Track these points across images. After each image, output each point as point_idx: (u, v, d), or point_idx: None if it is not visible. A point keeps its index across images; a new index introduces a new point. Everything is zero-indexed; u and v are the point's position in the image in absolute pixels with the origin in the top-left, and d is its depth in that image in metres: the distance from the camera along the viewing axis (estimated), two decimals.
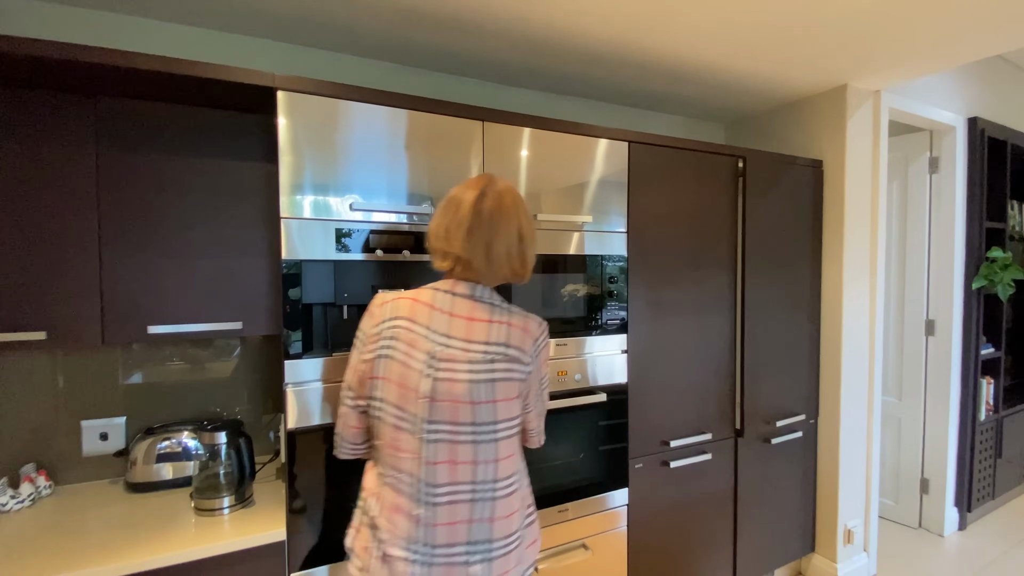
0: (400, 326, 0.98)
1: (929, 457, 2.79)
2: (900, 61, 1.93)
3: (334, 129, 1.26)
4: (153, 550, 1.12)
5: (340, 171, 1.27)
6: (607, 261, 1.67)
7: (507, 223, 1.00)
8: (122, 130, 1.24)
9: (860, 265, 2.23)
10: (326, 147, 1.25)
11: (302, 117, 1.23)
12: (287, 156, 1.21)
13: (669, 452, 1.82)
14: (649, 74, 1.99)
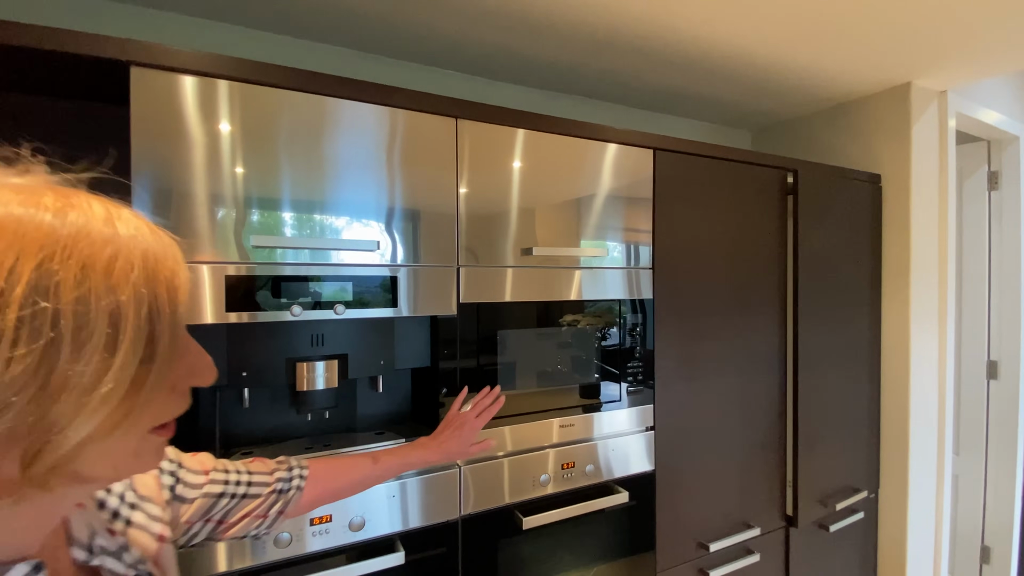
0: None
1: (991, 521, 2.37)
2: (973, 53, 1.54)
3: (226, 123, 0.83)
4: None
5: (234, 190, 0.83)
6: (626, 307, 1.25)
7: None
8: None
9: (928, 305, 1.81)
10: (213, 150, 0.82)
11: (165, 103, 0.79)
12: (143, 165, 0.78)
13: (708, 558, 1.37)
14: (670, 66, 1.58)
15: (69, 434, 0.29)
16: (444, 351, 1.02)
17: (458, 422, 0.85)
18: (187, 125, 0.80)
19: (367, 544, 0.93)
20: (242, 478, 0.61)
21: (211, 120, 0.81)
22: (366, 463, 0.74)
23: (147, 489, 0.50)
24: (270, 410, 0.95)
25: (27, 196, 0.30)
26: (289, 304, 0.86)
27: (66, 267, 0.28)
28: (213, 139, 0.82)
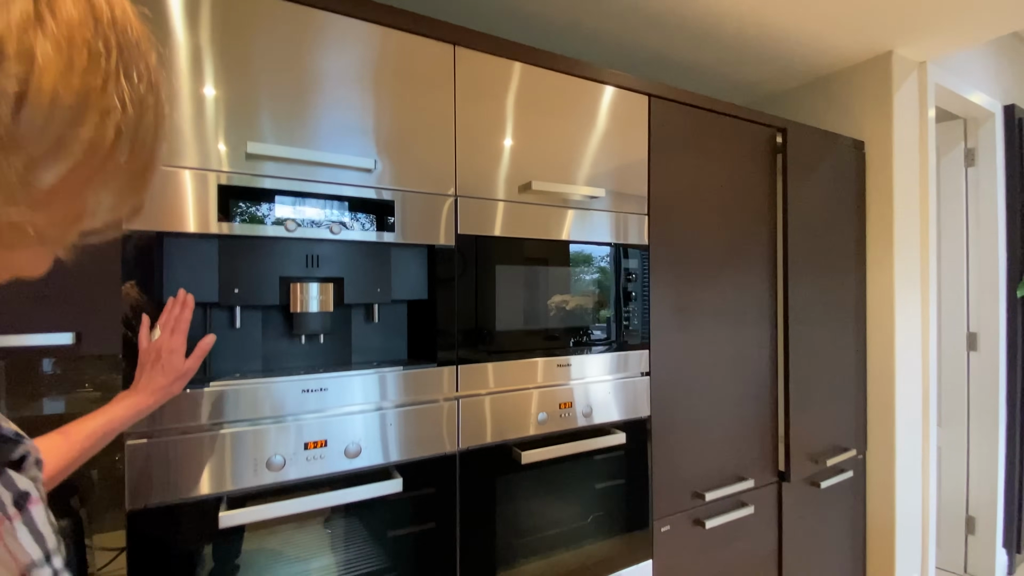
0: None
1: (975, 492, 2.41)
2: (950, 22, 1.60)
3: (224, 28, 0.81)
4: None
5: (230, 95, 0.81)
6: (625, 252, 1.25)
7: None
8: None
9: (911, 269, 1.85)
10: (209, 54, 0.80)
11: (188, 4, 0.77)
12: None
13: (704, 507, 1.37)
14: (669, 30, 1.60)
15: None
16: (442, 285, 1.00)
17: (154, 353, 0.72)
18: (178, 26, 0.78)
19: (363, 472, 0.90)
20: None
21: (212, 25, 0.80)
22: (55, 442, 0.61)
23: None
24: (262, 333, 0.92)
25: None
26: (284, 219, 0.84)
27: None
28: (213, 44, 0.80)
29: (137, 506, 0.75)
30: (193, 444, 0.78)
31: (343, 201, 0.90)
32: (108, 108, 0.27)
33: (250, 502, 0.80)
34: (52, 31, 0.25)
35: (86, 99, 0.26)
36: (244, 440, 0.81)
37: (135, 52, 0.29)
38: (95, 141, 0.27)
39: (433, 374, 0.98)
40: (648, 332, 1.28)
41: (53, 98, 0.25)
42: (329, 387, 0.88)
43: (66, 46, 0.25)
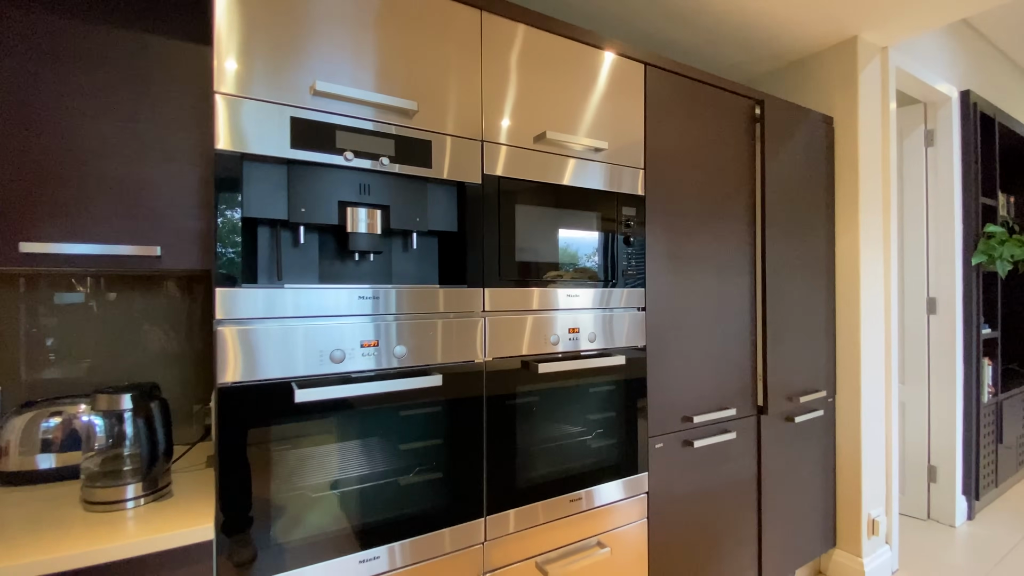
0: None
1: (936, 443, 2.65)
2: (909, 8, 1.81)
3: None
4: (12, 557, 0.75)
5: (299, 40, 0.97)
6: (624, 200, 1.42)
7: None
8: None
9: (874, 232, 2.07)
10: (281, 7, 0.95)
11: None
12: (225, 12, 0.90)
13: (692, 430, 1.55)
14: (655, 13, 1.79)
15: None
16: (470, 218, 1.16)
17: None
18: None
19: (408, 370, 1.06)
20: None
21: None
22: None
23: None
24: (321, 249, 1.07)
25: None
26: (343, 149, 1.00)
27: None
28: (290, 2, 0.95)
29: (226, 383, 0.89)
30: (274, 332, 0.93)
31: (390, 139, 1.05)
32: None
33: (317, 387, 0.95)
34: None
35: None
36: (316, 333, 0.96)
37: None
38: None
39: (465, 293, 1.14)
40: (644, 273, 1.45)
41: None
42: (380, 296, 1.04)
43: None
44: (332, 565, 0.98)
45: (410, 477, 1.07)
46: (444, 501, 1.11)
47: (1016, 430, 3.08)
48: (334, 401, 0.97)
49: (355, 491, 1.01)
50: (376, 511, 1.03)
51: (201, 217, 1.04)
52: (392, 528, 1.05)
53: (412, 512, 1.07)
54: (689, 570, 1.55)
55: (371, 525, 1.03)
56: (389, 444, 1.05)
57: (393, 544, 1.05)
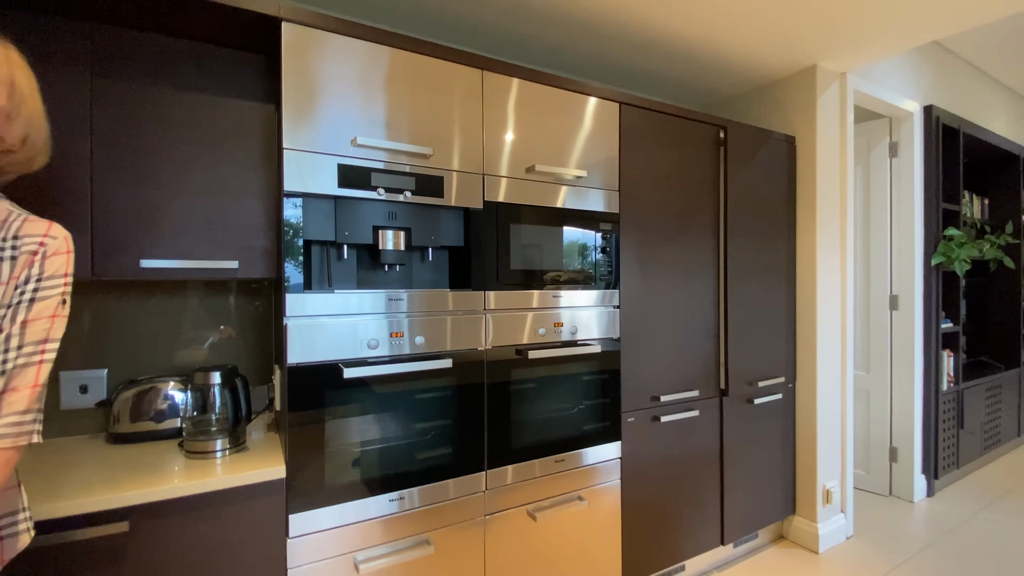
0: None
1: (897, 427, 2.92)
2: (864, 41, 2.07)
3: (339, 65, 1.27)
4: (137, 486, 1.07)
5: (343, 106, 1.28)
6: (602, 217, 1.72)
7: None
8: (120, 59, 1.22)
9: (831, 238, 2.34)
10: (330, 82, 1.26)
11: (307, 50, 1.23)
12: (291, 86, 1.21)
13: (659, 407, 1.86)
14: (632, 48, 2.07)
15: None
16: (474, 235, 1.47)
17: None
18: (317, 63, 1.24)
19: (426, 355, 1.38)
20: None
21: (334, 62, 1.26)
22: None
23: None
24: (359, 262, 1.38)
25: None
26: (376, 187, 1.31)
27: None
28: (334, 75, 1.26)
29: (293, 363, 1.21)
30: (326, 326, 1.25)
31: (411, 177, 1.36)
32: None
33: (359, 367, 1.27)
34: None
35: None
36: (357, 327, 1.28)
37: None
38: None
39: (471, 295, 1.45)
40: (618, 277, 1.75)
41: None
42: (404, 298, 1.35)
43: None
44: (369, 501, 1.30)
45: (428, 438, 1.39)
46: (454, 457, 1.43)
47: (980, 417, 3.34)
48: (371, 377, 1.29)
49: (386, 447, 1.33)
50: (402, 463, 1.35)
51: (267, 238, 1.36)
52: (414, 476, 1.37)
53: (430, 465, 1.39)
54: (658, 522, 1.86)
55: (398, 473, 1.35)
56: (411, 412, 1.37)
57: (415, 488, 1.37)
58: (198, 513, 1.11)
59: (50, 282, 0.74)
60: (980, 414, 3.34)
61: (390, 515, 1.33)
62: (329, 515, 1.25)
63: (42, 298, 0.73)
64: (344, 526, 1.27)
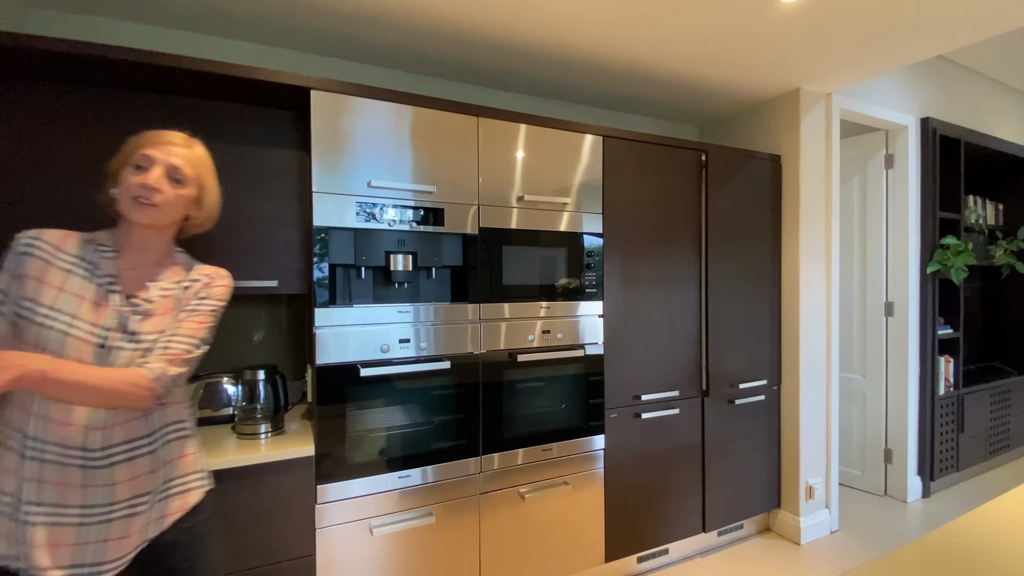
0: None
1: (891, 429, 3.03)
2: (846, 65, 2.22)
3: (356, 121, 1.56)
4: (208, 458, 1.39)
5: (360, 155, 1.56)
6: (586, 238, 1.95)
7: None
8: (186, 121, 1.54)
9: (816, 250, 2.50)
10: (348, 135, 1.55)
11: (330, 111, 1.52)
12: (319, 141, 1.51)
13: (640, 405, 2.08)
14: (622, 80, 2.29)
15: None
16: (471, 257, 1.73)
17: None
18: (339, 121, 1.53)
19: (428, 358, 1.65)
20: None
21: (352, 118, 1.54)
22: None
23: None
24: (374, 281, 1.67)
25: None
26: (388, 220, 1.59)
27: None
28: (351, 129, 1.54)
29: (321, 363, 1.51)
30: (347, 334, 1.54)
31: (418, 210, 1.64)
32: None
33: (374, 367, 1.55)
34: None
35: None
36: (372, 334, 1.56)
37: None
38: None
39: (468, 307, 1.72)
40: (602, 290, 1.98)
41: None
42: (410, 310, 1.63)
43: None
44: (381, 477, 1.59)
45: (431, 426, 1.67)
46: (453, 444, 1.70)
47: (984, 422, 3.38)
48: (384, 376, 1.58)
49: (396, 433, 1.62)
50: (409, 447, 1.63)
51: (300, 261, 1.66)
52: (419, 458, 1.65)
53: (432, 449, 1.67)
54: (640, 507, 2.09)
55: (406, 455, 1.63)
56: (417, 405, 1.65)
57: (419, 468, 1.65)
58: (248, 480, 1.42)
59: (207, 302, 1.06)
60: (984, 419, 3.38)
61: (398, 489, 1.62)
62: (349, 487, 1.55)
63: (200, 310, 1.04)
64: (361, 496, 1.56)
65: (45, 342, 0.91)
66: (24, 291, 0.92)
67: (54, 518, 0.90)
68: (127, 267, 1.01)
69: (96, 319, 0.95)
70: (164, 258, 1.07)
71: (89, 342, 0.93)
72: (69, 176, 1.41)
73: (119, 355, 0.95)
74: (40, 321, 0.91)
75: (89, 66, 1.35)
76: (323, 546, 1.51)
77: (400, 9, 1.69)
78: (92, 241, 1.01)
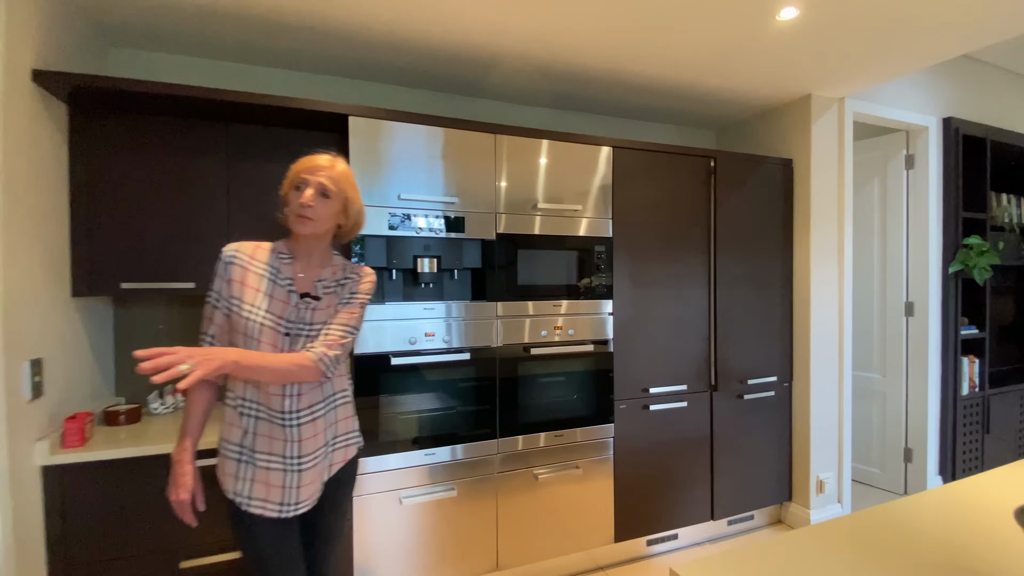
0: None
1: (912, 429, 3.04)
2: (857, 72, 2.29)
3: (387, 141, 1.78)
4: None
5: (391, 171, 1.78)
6: (596, 241, 2.11)
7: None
8: (242, 145, 1.80)
9: (828, 250, 2.57)
10: (381, 154, 1.77)
11: (365, 133, 1.75)
12: (356, 160, 1.73)
13: (648, 398, 2.22)
14: (635, 91, 2.43)
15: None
16: (489, 259, 1.93)
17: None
18: (373, 142, 1.75)
19: (450, 349, 1.86)
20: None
21: (384, 139, 1.76)
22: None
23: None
24: (404, 282, 1.89)
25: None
26: (416, 227, 1.80)
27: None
28: (383, 148, 1.76)
29: (359, 352, 1.73)
30: (382, 328, 1.76)
31: (441, 217, 1.84)
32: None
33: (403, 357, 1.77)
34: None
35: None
36: (402, 328, 1.78)
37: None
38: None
39: (487, 305, 1.92)
40: (611, 289, 2.14)
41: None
42: (436, 307, 1.84)
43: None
44: (409, 454, 1.81)
45: (453, 411, 1.87)
46: (473, 427, 1.90)
47: (1012, 423, 3.33)
48: (412, 364, 1.79)
49: (422, 416, 1.83)
50: (433, 428, 1.84)
51: None
52: (442, 439, 1.86)
53: (454, 432, 1.87)
54: (649, 493, 2.23)
55: (431, 436, 1.84)
56: (441, 392, 1.86)
57: (442, 447, 1.86)
58: None
59: (357, 296, 1.26)
60: (1013, 420, 3.33)
61: (425, 465, 1.83)
62: (382, 461, 1.77)
63: (352, 303, 1.25)
64: (392, 470, 1.78)
65: (248, 330, 1.16)
66: (232, 292, 1.18)
67: (265, 463, 1.16)
68: (299, 270, 1.24)
69: (282, 313, 1.18)
70: (325, 260, 1.28)
71: (278, 331, 1.17)
72: (149, 190, 1.69)
73: (299, 340, 1.19)
74: (245, 315, 1.16)
75: (166, 100, 1.62)
76: (359, 512, 1.74)
77: (431, 39, 1.90)
78: (275, 250, 1.24)
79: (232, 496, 1.18)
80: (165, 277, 1.72)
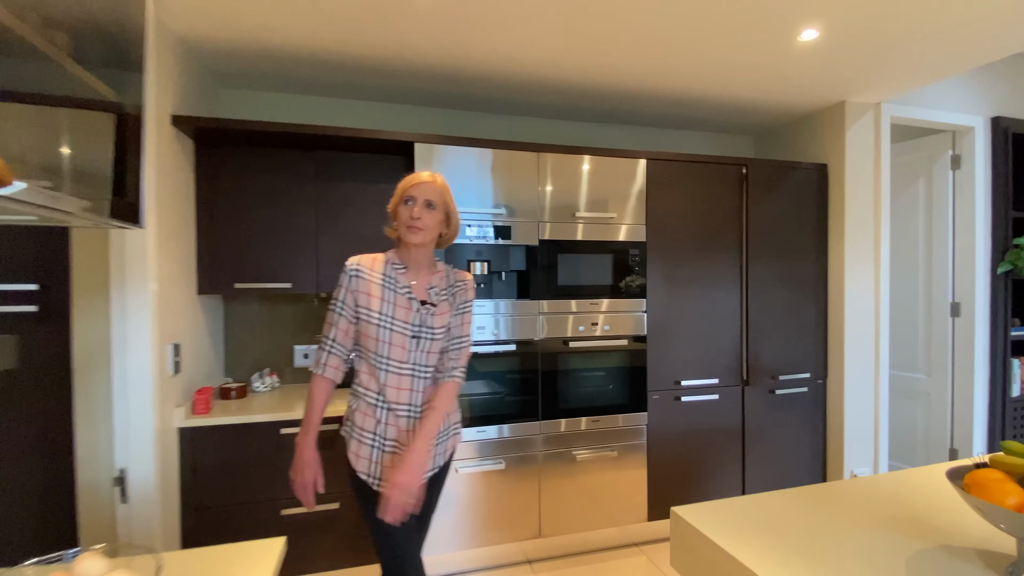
0: None
1: (957, 429, 3.03)
2: (893, 79, 2.36)
3: (445, 162, 2.07)
4: None
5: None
6: (631, 245, 2.32)
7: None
8: (327, 169, 2.14)
9: (863, 252, 2.64)
10: (441, 173, 2.06)
11: (427, 156, 2.05)
12: None
13: (680, 390, 2.41)
14: (669, 104, 2.61)
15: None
16: (533, 263, 2.18)
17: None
18: (433, 163, 2.05)
19: (500, 341, 2.13)
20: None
21: (442, 160, 2.05)
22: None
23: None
24: None
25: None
26: (469, 236, 2.08)
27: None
28: (442, 168, 2.06)
29: None
30: None
31: (491, 227, 2.12)
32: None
33: None
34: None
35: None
36: None
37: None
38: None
39: (531, 303, 2.17)
40: (645, 288, 2.34)
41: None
42: (485, 305, 2.12)
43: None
44: (465, 430, 2.09)
45: (501, 396, 2.14)
46: (518, 410, 2.16)
47: None
48: None
49: (475, 399, 2.11)
50: (485, 410, 2.12)
51: None
52: (492, 419, 2.13)
53: (503, 413, 2.14)
54: (681, 477, 2.42)
55: (482, 416, 2.12)
56: (491, 379, 2.13)
57: (492, 426, 2.13)
58: None
59: (468, 304, 1.41)
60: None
61: (477, 440, 2.11)
62: None
63: (468, 310, 1.41)
64: None
65: (380, 335, 1.28)
66: (359, 301, 1.30)
67: (393, 450, 1.31)
68: (413, 278, 1.35)
69: (406, 319, 1.30)
70: (432, 267, 1.40)
71: (405, 335, 1.30)
72: (254, 206, 2.07)
73: (424, 342, 1.32)
74: (375, 322, 1.28)
75: (266, 135, 1.98)
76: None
77: (495, 69, 2.18)
78: (388, 260, 1.35)
79: (364, 477, 1.31)
80: (268, 278, 2.09)
